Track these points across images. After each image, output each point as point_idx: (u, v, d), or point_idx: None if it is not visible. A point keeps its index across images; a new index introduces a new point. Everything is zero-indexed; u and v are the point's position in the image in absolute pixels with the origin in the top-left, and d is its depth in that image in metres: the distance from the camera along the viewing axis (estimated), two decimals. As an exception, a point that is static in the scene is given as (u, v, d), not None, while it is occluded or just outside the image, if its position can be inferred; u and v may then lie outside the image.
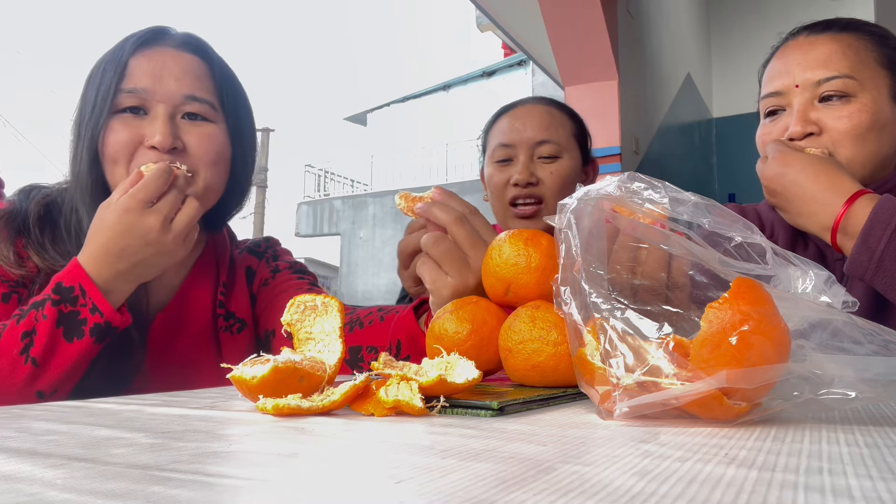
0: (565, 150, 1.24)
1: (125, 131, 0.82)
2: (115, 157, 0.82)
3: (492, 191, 1.26)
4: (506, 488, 0.25)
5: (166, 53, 0.86)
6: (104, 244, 0.73)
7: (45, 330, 0.70)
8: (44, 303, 0.71)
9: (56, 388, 0.72)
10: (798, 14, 1.36)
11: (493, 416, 0.45)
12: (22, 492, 0.24)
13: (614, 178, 0.49)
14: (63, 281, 0.73)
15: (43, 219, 0.84)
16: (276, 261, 1.03)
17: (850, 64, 0.91)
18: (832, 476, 0.28)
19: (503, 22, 4.27)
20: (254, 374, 0.47)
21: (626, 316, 0.44)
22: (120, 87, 0.82)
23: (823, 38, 0.94)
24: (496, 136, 1.27)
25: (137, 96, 0.83)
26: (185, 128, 0.84)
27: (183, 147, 0.84)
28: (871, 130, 0.89)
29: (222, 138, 0.88)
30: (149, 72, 0.83)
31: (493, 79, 14.79)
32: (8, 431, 0.38)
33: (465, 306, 0.66)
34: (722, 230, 0.46)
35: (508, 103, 1.33)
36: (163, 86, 0.83)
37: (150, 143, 0.81)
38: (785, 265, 0.46)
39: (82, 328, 0.72)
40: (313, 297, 0.54)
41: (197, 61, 0.88)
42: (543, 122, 1.24)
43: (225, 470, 0.28)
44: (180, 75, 0.85)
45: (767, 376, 0.39)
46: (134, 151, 0.82)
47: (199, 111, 0.85)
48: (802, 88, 0.92)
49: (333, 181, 15.47)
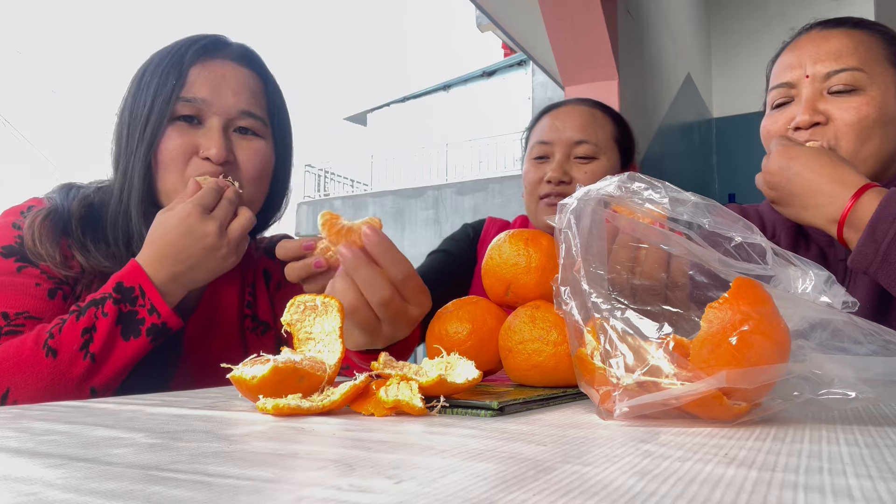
0: (603, 152, 1.24)
1: (181, 140, 0.83)
2: (168, 165, 0.83)
3: (525, 186, 1.28)
4: (506, 488, 0.25)
5: (227, 66, 0.87)
6: (163, 246, 0.75)
7: (105, 327, 0.71)
8: (104, 301, 0.72)
9: (108, 386, 0.73)
10: (798, 14, 1.37)
11: (493, 416, 0.45)
12: (22, 492, 0.24)
13: (614, 178, 0.49)
14: (123, 281, 0.74)
15: (85, 219, 0.84)
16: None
17: (861, 58, 0.91)
18: (832, 476, 0.28)
19: (503, 22, 4.27)
20: (254, 374, 0.47)
21: (626, 316, 0.44)
22: (178, 94, 0.83)
23: (836, 32, 0.95)
24: (536, 135, 1.28)
25: (195, 106, 0.84)
26: (236, 141, 0.87)
27: (234, 160, 0.85)
28: (876, 125, 0.89)
29: (269, 154, 0.90)
30: (208, 83, 0.85)
31: (493, 79, 14.79)
32: (8, 431, 0.38)
33: (465, 306, 0.66)
34: (722, 230, 0.46)
35: (552, 103, 1.34)
36: (221, 98, 0.85)
37: (206, 154, 0.83)
38: (785, 265, 0.46)
39: (139, 328, 0.74)
40: (313, 297, 0.54)
41: (254, 77, 0.90)
42: (583, 123, 1.25)
43: (225, 470, 0.28)
44: (238, 90, 0.87)
45: (767, 376, 0.39)
46: (188, 160, 0.83)
47: (251, 126, 0.88)
48: (812, 79, 0.93)
49: (333, 181, 15.47)
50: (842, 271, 0.94)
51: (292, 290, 0.99)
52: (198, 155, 0.84)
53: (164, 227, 0.76)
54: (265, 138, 0.90)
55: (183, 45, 0.87)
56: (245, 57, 0.91)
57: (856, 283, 0.91)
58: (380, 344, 0.68)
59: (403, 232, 12.55)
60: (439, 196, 12.37)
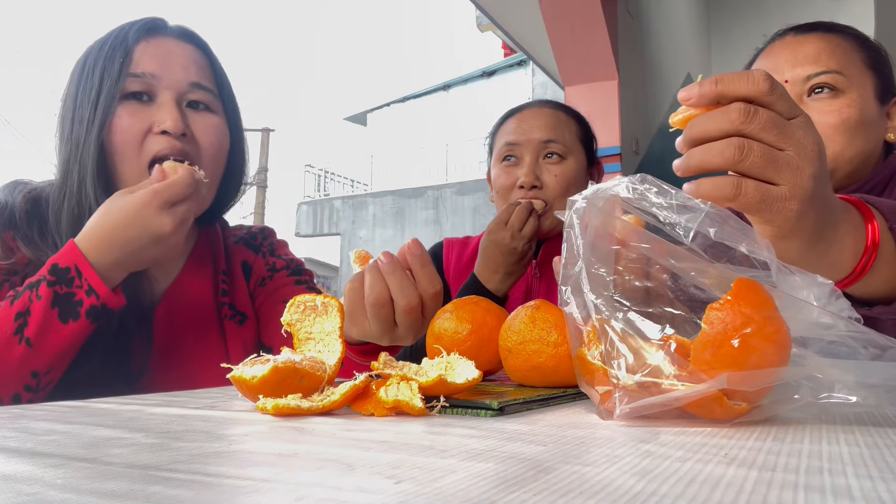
0: (570, 152, 1.25)
1: (133, 118, 0.82)
2: (123, 147, 0.82)
3: (497, 191, 1.27)
4: (506, 488, 0.25)
5: (171, 42, 0.87)
6: (109, 231, 0.73)
7: (39, 310, 0.70)
8: (38, 283, 0.71)
9: (50, 369, 0.71)
10: (798, 14, 1.37)
11: (493, 416, 0.45)
12: (22, 492, 0.24)
13: (624, 178, 0.47)
14: (59, 262, 0.72)
15: (30, 213, 0.83)
16: (273, 256, 1.02)
17: (839, 61, 0.92)
18: (832, 476, 0.27)
19: (503, 22, 4.27)
20: (254, 374, 0.47)
21: (628, 317, 0.44)
22: (126, 72, 0.82)
23: (811, 37, 0.95)
24: (503, 137, 1.28)
25: (145, 81, 0.83)
26: (191, 116, 0.85)
27: (191, 135, 0.84)
28: (859, 126, 0.90)
29: (224, 130, 0.89)
30: (155, 58, 0.84)
31: (493, 79, 14.79)
32: (8, 431, 0.38)
33: (465, 306, 0.66)
34: (729, 241, 0.45)
35: (515, 106, 1.34)
36: (170, 72, 0.84)
37: (161, 127, 0.81)
38: (789, 275, 0.46)
39: (78, 310, 0.71)
40: (313, 297, 0.54)
41: (199, 53, 0.90)
42: (549, 124, 1.25)
43: (225, 470, 0.28)
44: (186, 63, 0.86)
45: (768, 379, 0.39)
46: (143, 139, 0.82)
47: (203, 99, 0.87)
48: (791, 84, 0.93)
49: (333, 181, 15.48)
50: None
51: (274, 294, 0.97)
52: (153, 132, 0.82)
53: (118, 211, 0.73)
54: (217, 113, 0.89)
55: (124, 28, 0.87)
56: (186, 34, 0.91)
57: None
58: (385, 342, 0.69)
59: (403, 232, 12.55)
60: (439, 196, 12.37)
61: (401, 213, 12.77)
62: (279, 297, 0.96)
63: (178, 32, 0.90)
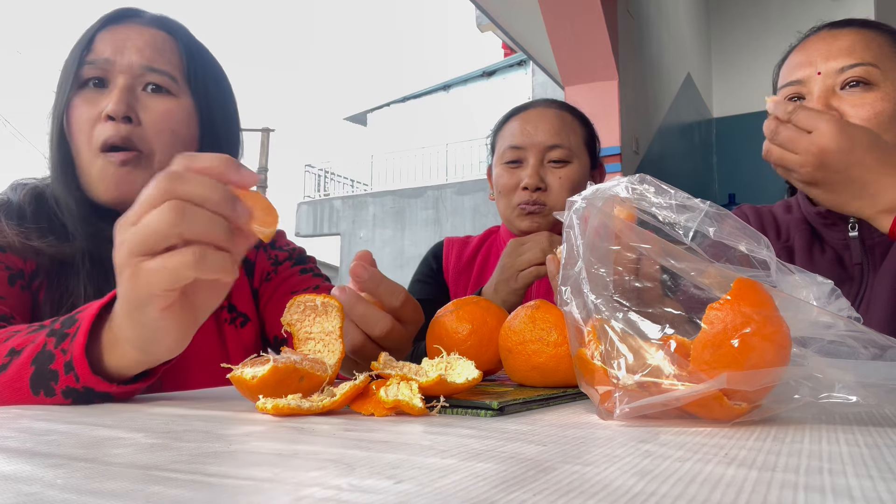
0: (575, 156, 1.23)
1: (86, 106, 0.81)
2: (76, 135, 0.81)
3: (499, 191, 1.26)
4: (506, 488, 0.25)
5: (132, 29, 0.85)
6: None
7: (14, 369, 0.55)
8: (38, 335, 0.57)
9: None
10: (798, 14, 1.37)
11: (493, 416, 0.45)
12: (22, 492, 0.24)
13: (623, 178, 0.48)
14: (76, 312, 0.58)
15: (35, 209, 0.83)
16: (274, 248, 1.00)
17: (874, 54, 0.91)
18: (832, 476, 0.28)
19: (503, 22, 4.27)
20: (254, 374, 0.47)
21: (628, 317, 0.44)
22: (84, 59, 0.82)
23: (846, 31, 0.95)
24: (506, 138, 1.26)
25: (98, 67, 0.82)
26: (143, 100, 0.83)
27: (138, 121, 0.82)
28: (892, 120, 0.89)
29: (183, 115, 0.86)
30: (112, 44, 0.83)
31: (493, 79, 14.79)
32: (8, 431, 0.38)
33: (465, 306, 0.66)
34: (729, 240, 0.45)
35: (519, 105, 1.32)
36: (123, 57, 0.83)
37: (106, 112, 0.80)
38: (788, 274, 0.46)
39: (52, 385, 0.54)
40: (313, 297, 0.54)
41: (163, 36, 0.87)
42: (555, 127, 1.23)
43: (225, 470, 0.28)
44: (142, 47, 0.84)
45: (768, 379, 0.39)
46: (93, 127, 0.81)
47: (158, 82, 0.84)
48: (824, 76, 0.92)
49: (333, 181, 15.47)
50: (858, 275, 0.93)
51: (281, 286, 0.96)
52: (100, 118, 0.80)
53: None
54: (178, 97, 0.86)
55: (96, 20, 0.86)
56: (157, 21, 0.89)
57: (874, 288, 0.90)
58: None
59: (403, 232, 12.55)
60: (439, 196, 12.37)
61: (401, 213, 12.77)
62: (287, 288, 0.95)
63: (147, 19, 0.88)
